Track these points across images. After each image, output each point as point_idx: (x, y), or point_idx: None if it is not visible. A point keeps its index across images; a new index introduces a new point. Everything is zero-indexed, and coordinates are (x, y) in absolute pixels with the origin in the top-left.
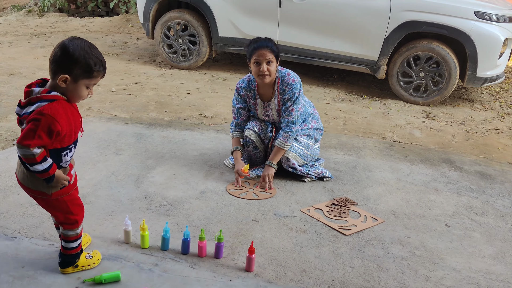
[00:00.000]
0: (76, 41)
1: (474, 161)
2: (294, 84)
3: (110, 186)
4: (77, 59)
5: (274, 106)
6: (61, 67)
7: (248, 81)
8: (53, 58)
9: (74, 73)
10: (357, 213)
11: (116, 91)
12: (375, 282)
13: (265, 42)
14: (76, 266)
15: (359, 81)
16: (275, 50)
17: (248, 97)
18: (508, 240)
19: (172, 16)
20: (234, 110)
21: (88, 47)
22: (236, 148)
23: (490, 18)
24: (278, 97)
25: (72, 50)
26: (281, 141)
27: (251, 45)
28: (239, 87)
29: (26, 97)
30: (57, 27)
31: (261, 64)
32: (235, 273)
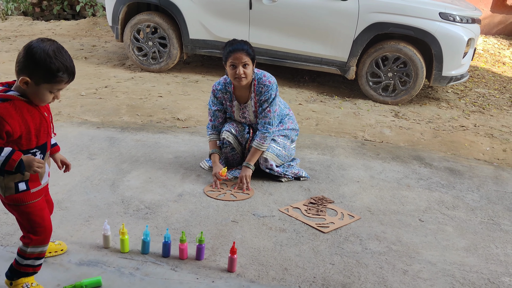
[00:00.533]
0: (43, 44)
1: (442, 157)
2: (271, 86)
3: (85, 191)
4: (38, 62)
5: (250, 108)
6: (23, 69)
7: (224, 83)
8: (17, 58)
9: (35, 76)
10: (334, 211)
11: (86, 95)
12: (355, 277)
13: (241, 45)
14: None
15: (330, 82)
16: (251, 53)
17: (224, 99)
18: (479, 233)
19: (141, 19)
20: (210, 112)
21: (53, 51)
22: (214, 151)
23: (454, 19)
24: (255, 98)
25: (35, 53)
26: (258, 142)
27: (227, 48)
28: (215, 89)
29: None
30: (22, 30)
31: (237, 67)
32: (217, 274)
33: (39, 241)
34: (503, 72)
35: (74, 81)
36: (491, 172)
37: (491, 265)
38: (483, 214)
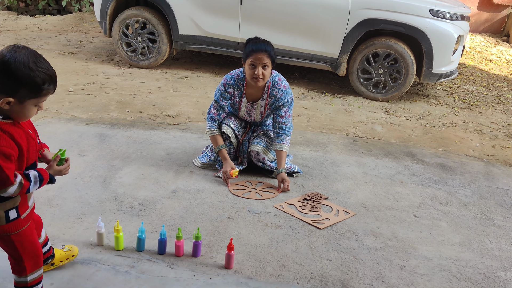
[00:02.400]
0: (18, 54)
1: (434, 154)
2: (286, 90)
3: (76, 188)
4: (22, 79)
5: (259, 108)
6: (3, 88)
7: (237, 78)
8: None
9: (18, 95)
10: (329, 207)
11: (74, 91)
12: (353, 273)
13: (264, 46)
14: None
15: (320, 79)
16: (272, 55)
17: (233, 95)
18: (473, 228)
19: (130, 14)
20: (217, 106)
21: (33, 62)
22: (222, 147)
23: (444, 16)
24: (267, 100)
25: (14, 68)
26: (279, 145)
27: (250, 46)
28: (226, 84)
29: None
30: (7, 25)
31: (257, 67)
32: (214, 270)
33: (35, 265)
34: (490, 70)
35: (61, 77)
36: (482, 168)
37: (486, 260)
38: (476, 210)
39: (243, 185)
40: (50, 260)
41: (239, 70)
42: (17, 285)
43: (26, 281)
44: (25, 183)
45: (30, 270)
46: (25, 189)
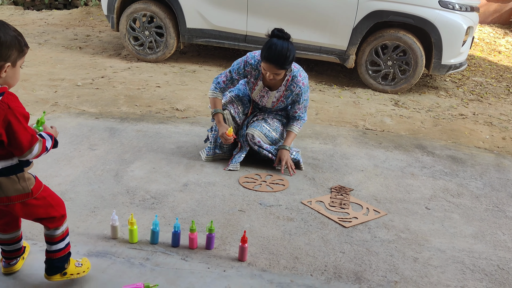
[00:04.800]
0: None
1: (444, 146)
2: (304, 88)
3: (89, 182)
4: (11, 43)
5: (272, 97)
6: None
7: (258, 60)
8: None
9: (11, 59)
10: (359, 205)
11: (82, 86)
12: (367, 265)
13: (275, 58)
14: (65, 273)
15: (328, 71)
16: (285, 66)
17: (250, 74)
18: (485, 220)
19: (137, 8)
20: (228, 75)
21: (7, 26)
22: (218, 111)
23: (453, 7)
24: (283, 92)
25: (5, 33)
26: (290, 126)
27: (264, 51)
28: (247, 61)
29: None
30: (13, 20)
31: (268, 72)
32: (228, 263)
33: (64, 214)
34: (499, 61)
35: (69, 71)
36: (493, 160)
37: (500, 252)
38: (488, 202)
39: (253, 178)
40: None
41: None
42: (53, 240)
43: (57, 233)
44: (44, 142)
45: (64, 218)
46: (44, 146)
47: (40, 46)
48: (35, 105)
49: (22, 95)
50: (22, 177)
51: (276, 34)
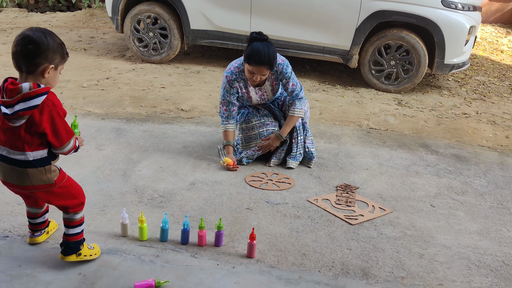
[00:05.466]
0: (41, 31)
1: (448, 144)
2: (284, 63)
3: (97, 181)
4: (57, 48)
5: (268, 87)
6: (43, 59)
7: (237, 72)
8: (28, 52)
9: (55, 62)
10: (365, 203)
11: (87, 87)
12: (373, 262)
13: (266, 59)
14: (80, 254)
15: (331, 71)
16: (273, 66)
17: (239, 87)
18: (489, 217)
19: (142, 9)
20: (225, 102)
21: (54, 35)
22: (228, 143)
23: (456, 7)
24: (272, 78)
25: (51, 38)
26: (292, 110)
27: (252, 56)
28: (230, 80)
29: (15, 95)
30: (18, 22)
31: (256, 74)
32: (237, 260)
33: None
34: (501, 60)
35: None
36: (496, 158)
37: (505, 248)
38: (492, 199)
39: (259, 177)
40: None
41: (236, 63)
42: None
43: (81, 216)
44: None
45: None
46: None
47: None
48: None
49: None
50: (49, 169)
51: (256, 37)
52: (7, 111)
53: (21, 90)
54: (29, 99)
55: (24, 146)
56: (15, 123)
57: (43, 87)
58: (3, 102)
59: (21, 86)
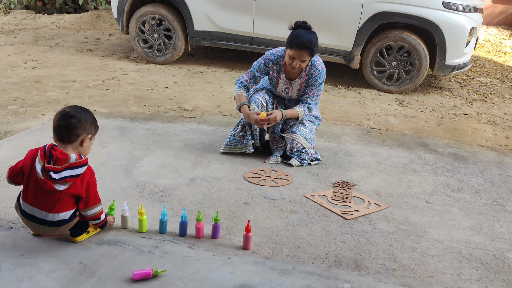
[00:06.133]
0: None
1: (447, 144)
2: (322, 71)
3: (100, 177)
4: (92, 120)
5: (296, 86)
6: (83, 130)
7: (277, 55)
8: (72, 125)
9: (92, 132)
10: (361, 199)
11: (93, 87)
12: (366, 254)
13: (308, 44)
14: (88, 231)
15: (333, 72)
16: (314, 52)
17: (272, 70)
18: (484, 213)
19: (146, 11)
20: (251, 74)
21: (88, 110)
22: (243, 103)
23: (457, 8)
24: (304, 78)
25: (89, 114)
26: (298, 107)
27: (295, 40)
28: (267, 58)
29: (63, 164)
30: (25, 24)
31: (296, 60)
32: (233, 251)
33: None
34: (504, 62)
35: (81, 73)
36: (495, 157)
37: (496, 243)
38: (488, 196)
39: (258, 173)
40: None
41: (281, 48)
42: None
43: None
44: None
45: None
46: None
47: (51, 49)
48: (48, 105)
49: (34, 96)
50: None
51: (301, 25)
52: (55, 176)
53: (70, 160)
54: (75, 168)
55: (58, 208)
56: (59, 187)
57: (84, 159)
58: (52, 168)
59: (70, 156)
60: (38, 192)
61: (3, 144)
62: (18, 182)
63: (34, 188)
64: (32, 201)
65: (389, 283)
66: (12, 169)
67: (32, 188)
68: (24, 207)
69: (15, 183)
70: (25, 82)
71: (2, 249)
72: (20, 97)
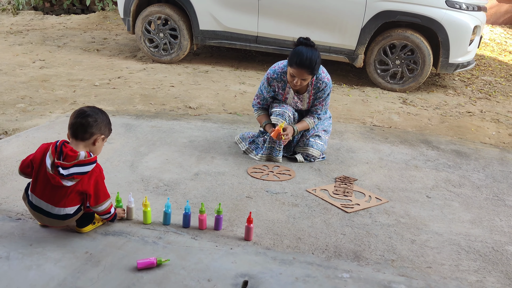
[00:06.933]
0: (97, 109)
1: (449, 141)
2: (329, 84)
3: (106, 171)
4: (107, 122)
5: (305, 99)
6: (97, 130)
7: (280, 72)
8: (88, 123)
9: (105, 133)
10: (361, 193)
11: (99, 86)
12: (366, 246)
13: (307, 63)
14: (94, 222)
15: (338, 71)
16: (314, 71)
17: (277, 87)
18: (484, 208)
19: (152, 11)
20: (261, 97)
21: (104, 111)
22: (268, 122)
23: (460, 7)
24: (311, 92)
25: (105, 115)
26: (307, 118)
27: (295, 58)
28: (269, 78)
29: (72, 160)
30: (34, 24)
31: (296, 78)
32: (235, 242)
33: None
34: (509, 61)
35: (88, 72)
36: (497, 154)
37: (495, 236)
38: (488, 191)
39: (261, 169)
40: None
41: (282, 64)
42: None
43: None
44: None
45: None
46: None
47: (59, 49)
48: (55, 103)
49: (42, 95)
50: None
51: (303, 42)
52: (63, 172)
53: (79, 157)
54: (83, 166)
55: (64, 202)
56: (67, 183)
57: (93, 157)
58: (60, 164)
59: (79, 154)
60: (46, 185)
61: (12, 140)
62: (28, 173)
63: (43, 181)
64: (39, 194)
65: (388, 273)
66: (23, 161)
67: (41, 181)
68: (32, 199)
69: (25, 175)
70: (33, 81)
71: (11, 239)
72: (28, 95)
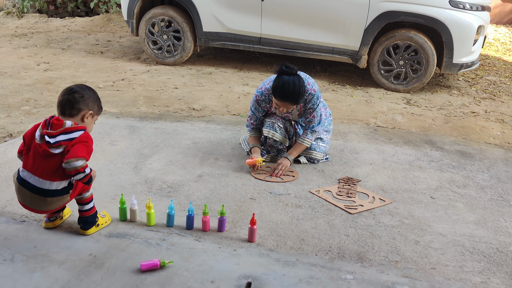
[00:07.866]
0: (84, 86)
1: (454, 141)
2: (316, 94)
3: (110, 173)
4: (95, 98)
5: (295, 112)
6: (85, 105)
7: (267, 94)
8: (75, 99)
9: (94, 109)
10: (365, 194)
11: (103, 88)
12: (369, 247)
13: (290, 96)
14: (98, 225)
15: (341, 71)
16: (298, 101)
17: (267, 107)
18: (488, 208)
19: (156, 13)
20: (254, 117)
21: (93, 89)
22: (255, 145)
23: (464, 7)
24: (300, 105)
25: (92, 92)
26: (302, 138)
27: (277, 90)
28: (258, 99)
29: (58, 128)
30: (38, 27)
31: (281, 107)
32: (238, 243)
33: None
34: None
35: (91, 74)
36: (501, 155)
37: (500, 236)
38: (493, 192)
39: (264, 170)
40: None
41: (268, 85)
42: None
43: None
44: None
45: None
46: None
47: (63, 51)
48: None
49: (47, 97)
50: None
51: (284, 71)
52: (50, 140)
53: (64, 125)
54: (70, 133)
55: (53, 175)
56: (54, 151)
57: (81, 125)
58: (47, 133)
59: (65, 122)
60: (35, 158)
61: (17, 143)
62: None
63: (33, 154)
64: (29, 167)
65: (391, 274)
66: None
67: (31, 155)
68: (21, 173)
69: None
70: (37, 84)
71: (16, 242)
72: (33, 98)
